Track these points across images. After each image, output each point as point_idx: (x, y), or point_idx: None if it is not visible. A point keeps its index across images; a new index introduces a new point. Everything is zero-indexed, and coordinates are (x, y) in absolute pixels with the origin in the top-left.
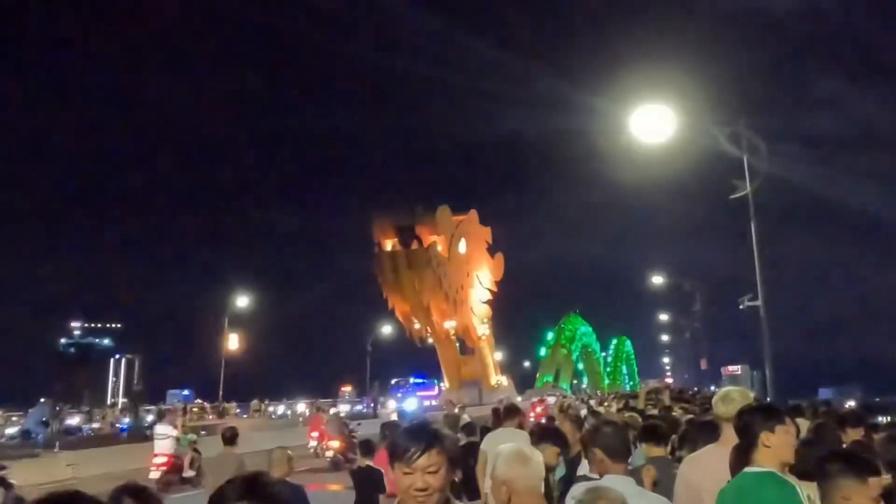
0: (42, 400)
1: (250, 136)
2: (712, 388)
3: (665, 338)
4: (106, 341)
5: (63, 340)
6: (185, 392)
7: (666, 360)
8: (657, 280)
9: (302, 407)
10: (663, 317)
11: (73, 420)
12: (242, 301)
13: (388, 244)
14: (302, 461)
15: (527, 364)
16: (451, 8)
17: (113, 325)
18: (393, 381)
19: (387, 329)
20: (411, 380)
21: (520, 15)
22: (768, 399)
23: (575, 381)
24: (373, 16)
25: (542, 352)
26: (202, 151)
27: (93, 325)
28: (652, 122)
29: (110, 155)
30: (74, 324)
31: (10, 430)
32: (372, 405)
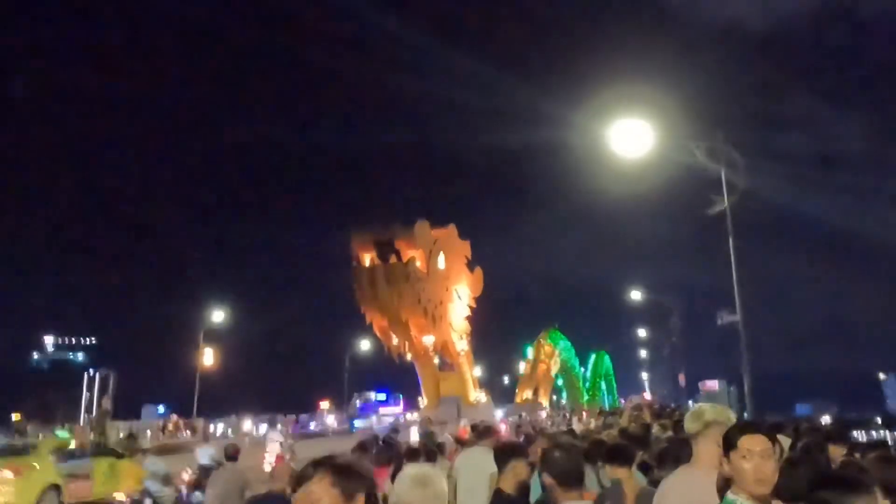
0: None
1: (226, 149)
2: (689, 402)
3: (643, 353)
4: (80, 356)
5: (35, 355)
6: (161, 408)
7: (644, 375)
8: (635, 295)
9: (248, 425)
10: (641, 332)
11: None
12: (218, 316)
13: (367, 259)
14: None
15: (506, 380)
16: (429, 22)
17: (87, 340)
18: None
19: (365, 344)
20: (373, 395)
21: (499, 30)
22: (745, 415)
23: (554, 397)
24: (352, 30)
25: (521, 367)
26: (178, 165)
27: (66, 339)
28: (630, 137)
29: (87, 168)
30: (47, 338)
31: None
32: (348, 420)
